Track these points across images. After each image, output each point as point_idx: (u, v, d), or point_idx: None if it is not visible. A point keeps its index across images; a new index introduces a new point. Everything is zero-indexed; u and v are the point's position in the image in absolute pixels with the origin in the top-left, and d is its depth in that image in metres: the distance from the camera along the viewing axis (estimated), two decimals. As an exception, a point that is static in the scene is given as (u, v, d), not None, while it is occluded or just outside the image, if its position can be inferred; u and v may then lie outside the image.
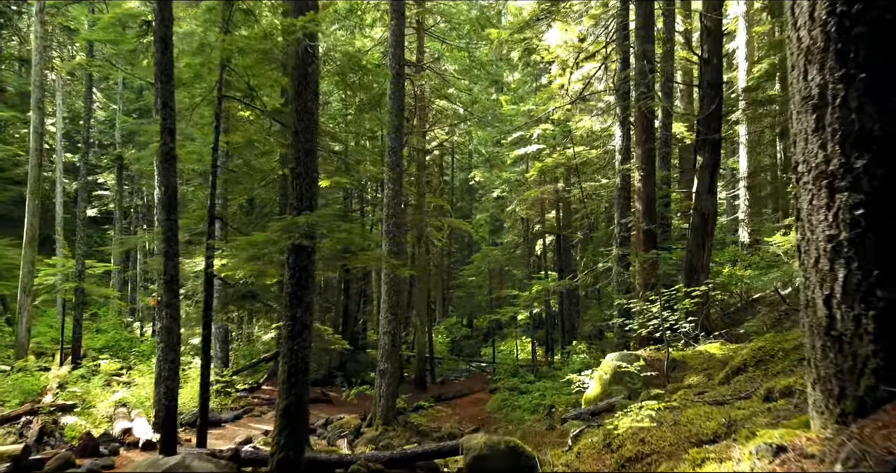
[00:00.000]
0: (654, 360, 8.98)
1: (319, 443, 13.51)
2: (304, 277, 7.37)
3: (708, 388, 6.19)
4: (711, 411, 3.87)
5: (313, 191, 7.53)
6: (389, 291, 14.94)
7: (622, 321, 11.44)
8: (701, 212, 12.84)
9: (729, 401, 4.44)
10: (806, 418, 2.89)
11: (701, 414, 3.82)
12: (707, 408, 4.01)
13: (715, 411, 3.86)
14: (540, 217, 27.59)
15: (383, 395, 14.77)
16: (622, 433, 4.06)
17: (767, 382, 4.22)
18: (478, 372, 28.64)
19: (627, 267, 13.56)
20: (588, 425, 5.16)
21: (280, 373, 7.29)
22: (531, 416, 16.32)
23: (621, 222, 13.54)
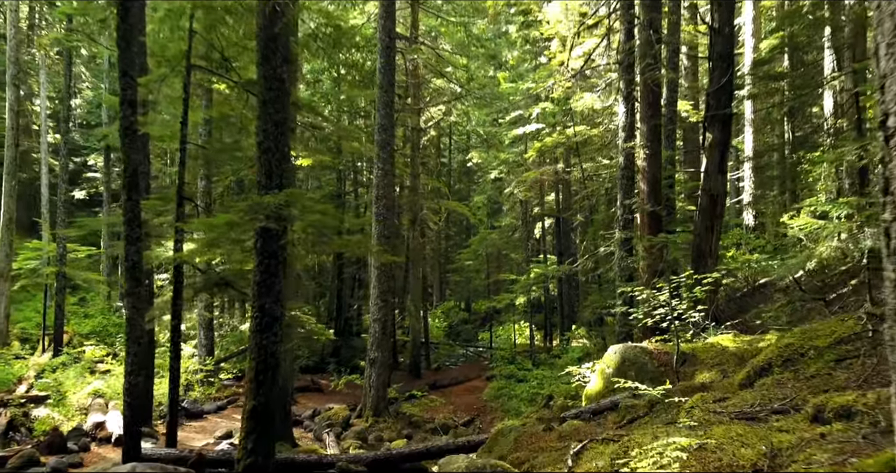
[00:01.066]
0: (661, 353, 8.26)
1: (305, 436, 12.87)
2: (273, 264, 6.61)
3: (727, 391, 5.45)
4: (744, 432, 3.15)
5: (284, 167, 6.74)
6: (380, 277, 14.20)
7: (625, 309, 10.71)
8: (710, 192, 12.05)
9: (761, 416, 3.70)
10: (889, 456, 2.13)
11: (732, 437, 3.09)
12: (738, 428, 3.28)
13: (749, 432, 3.13)
14: (539, 199, 26.77)
15: (373, 385, 14.11)
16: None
17: (813, 397, 3.49)
18: (475, 357, 28.03)
19: (631, 251, 12.79)
20: (591, 439, 4.43)
21: (247, 371, 6.56)
22: (528, 407, 15.67)
23: (624, 204, 12.74)
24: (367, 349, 14.48)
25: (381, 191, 14.26)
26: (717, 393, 5.10)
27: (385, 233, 14.22)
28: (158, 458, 8.16)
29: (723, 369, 7.16)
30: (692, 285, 8.32)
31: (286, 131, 6.83)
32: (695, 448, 3.04)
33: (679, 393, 6.48)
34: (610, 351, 8.63)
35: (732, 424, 3.47)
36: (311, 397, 17.21)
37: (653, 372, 7.94)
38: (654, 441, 3.51)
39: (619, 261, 12.74)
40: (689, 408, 4.71)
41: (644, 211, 12.30)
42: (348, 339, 26.84)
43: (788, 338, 5.44)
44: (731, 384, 5.96)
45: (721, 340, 8.33)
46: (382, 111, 14.34)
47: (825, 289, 10.77)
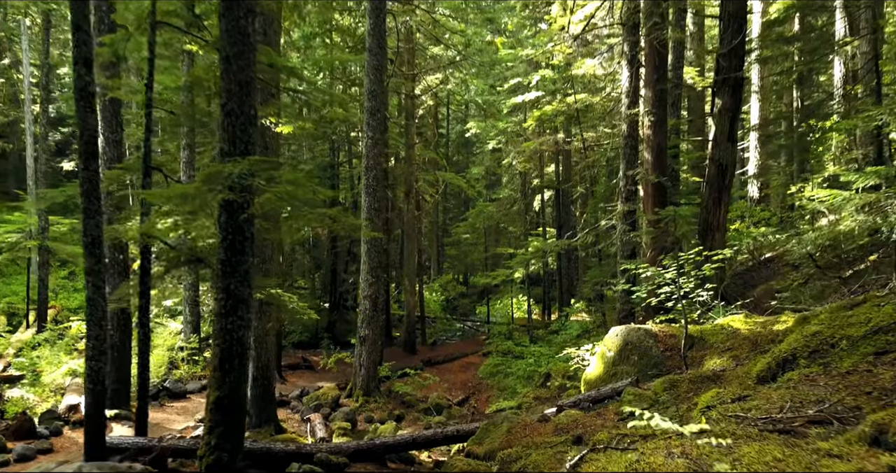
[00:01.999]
0: (667, 335, 7.64)
1: (292, 418, 12.35)
2: (239, 240, 5.94)
3: (744, 385, 4.83)
4: (783, 456, 2.52)
5: (250, 133, 6.02)
6: (370, 252, 13.55)
7: (628, 287, 10.08)
8: (718, 162, 11.32)
9: (796, 427, 3.07)
10: None
11: (769, 463, 2.46)
12: (774, 448, 2.64)
13: (790, 456, 2.50)
14: (538, 170, 26.01)
15: (364, 364, 13.56)
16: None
17: (872, 412, 2.85)
18: (472, 331, 27.57)
19: (633, 225, 12.13)
20: (592, 448, 3.81)
21: (211, 358, 5.93)
22: (525, 385, 15.17)
23: (627, 174, 12.03)
24: (357, 326, 13.89)
25: (370, 161, 13.53)
26: (734, 389, 4.47)
27: (375, 205, 13.54)
28: (126, 448, 7.62)
29: (735, 355, 6.55)
30: (701, 262, 7.67)
31: (252, 92, 6.10)
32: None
33: (688, 383, 5.87)
34: (611, 333, 8.01)
35: (764, 441, 2.84)
36: (301, 375, 16.70)
37: (657, 357, 7.33)
38: (667, 460, 2.89)
39: (621, 236, 12.09)
40: (705, 409, 4.08)
41: (648, 182, 11.59)
42: (343, 313, 26.34)
43: (815, 325, 4.80)
44: (748, 374, 5.33)
45: (731, 321, 7.71)
46: (372, 76, 13.53)
47: (841, 266, 10.13)
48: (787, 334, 6.28)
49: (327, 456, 7.19)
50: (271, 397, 10.72)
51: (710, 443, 2.81)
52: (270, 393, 10.68)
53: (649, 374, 7.24)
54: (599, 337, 15.83)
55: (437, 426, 8.59)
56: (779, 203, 22.79)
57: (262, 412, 10.52)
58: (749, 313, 8.06)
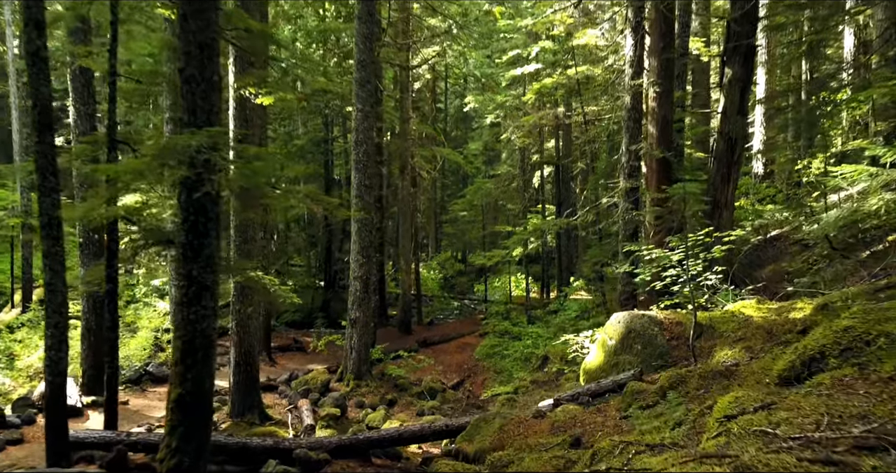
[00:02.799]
0: (673, 323, 7.09)
1: (279, 403, 11.89)
2: (202, 221, 5.34)
3: (764, 385, 4.28)
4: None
5: (212, 101, 5.38)
6: (361, 231, 12.96)
7: (630, 269, 9.51)
8: (727, 136, 10.68)
9: (841, 453, 2.51)
10: None
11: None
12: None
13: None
14: (538, 146, 25.26)
15: (354, 347, 13.07)
16: None
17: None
18: (470, 310, 27.11)
19: (636, 203, 11.52)
20: (593, 457, 3.27)
21: (172, 351, 5.38)
22: (522, 368, 14.72)
23: (630, 149, 11.38)
24: (348, 308, 13.36)
25: (360, 135, 12.87)
26: (755, 393, 3.91)
27: (366, 182, 12.91)
28: (92, 443, 7.11)
29: (748, 346, 6.00)
30: (711, 244, 7.09)
31: (214, 56, 5.44)
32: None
33: (698, 378, 5.33)
34: (613, 319, 7.46)
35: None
36: (292, 357, 16.23)
37: (662, 346, 6.79)
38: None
39: (623, 214, 11.49)
40: (723, 419, 3.53)
41: (652, 157, 10.96)
42: (339, 292, 25.83)
43: (846, 319, 4.23)
44: (767, 371, 4.78)
45: (743, 308, 7.15)
46: (361, 45, 12.79)
47: (857, 246, 9.55)
48: (807, 323, 5.73)
49: (306, 453, 6.69)
50: (255, 383, 10.23)
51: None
52: (254, 378, 10.19)
53: (653, 365, 6.71)
54: (599, 318, 15.35)
55: (426, 423, 8.09)
56: (784, 179, 22.15)
57: (245, 399, 10.04)
58: (762, 298, 7.50)
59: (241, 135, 9.77)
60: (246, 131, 9.80)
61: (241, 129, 9.80)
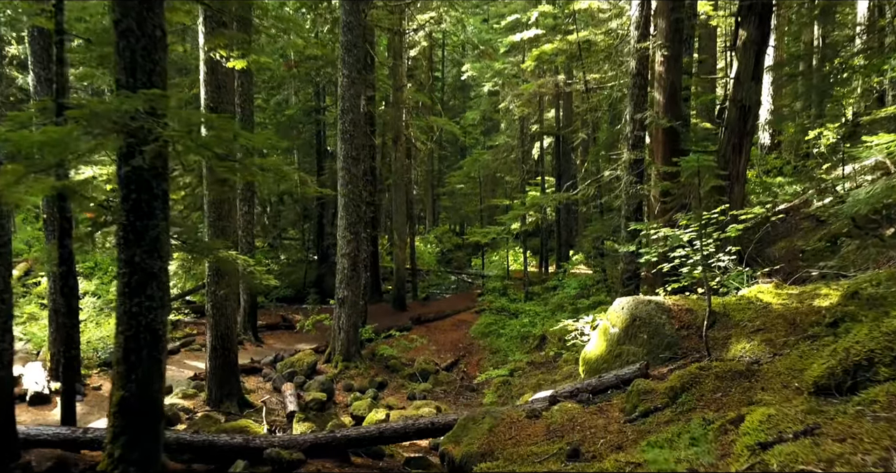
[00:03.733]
0: (682, 310, 6.42)
1: (263, 387, 11.32)
2: (145, 200, 4.63)
3: (791, 388, 3.64)
4: None
5: (156, 59, 4.62)
6: (348, 206, 12.25)
7: (634, 249, 8.81)
8: (740, 103, 9.90)
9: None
10: None
11: None
12: None
13: None
14: (538, 116, 24.37)
15: (343, 327, 12.46)
16: None
17: None
18: (467, 285, 26.53)
19: (640, 176, 10.78)
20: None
21: (115, 348, 4.71)
22: (519, 347, 14.14)
23: (635, 118, 10.60)
24: (335, 286, 12.72)
25: (347, 102, 12.06)
26: (789, 408, 3.25)
27: (353, 153, 12.15)
28: (45, 440, 6.50)
29: (768, 339, 5.34)
30: (726, 222, 6.38)
31: (157, 6, 4.66)
32: None
33: (714, 379, 4.67)
34: (616, 305, 6.80)
35: None
36: (279, 336, 15.64)
37: (671, 336, 6.13)
38: None
39: (627, 188, 10.76)
40: (755, 447, 2.87)
41: (659, 126, 10.18)
42: (332, 267, 25.08)
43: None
44: (796, 374, 4.13)
45: (759, 293, 6.48)
46: (348, 6, 11.90)
47: (880, 223, 8.85)
48: (836, 314, 5.06)
49: (278, 452, 6.08)
50: (233, 368, 9.62)
51: None
52: (232, 363, 9.58)
53: (661, 357, 6.06)
54: (599, 295, 14.74)
55: (410, 420, 7.47)
56: (792, 150, 21.34)
57: (222, 385, 9.45)
58: (779, 282, 6.82)
59: (213, 102, 8.99)
60: (218, 99, 9.01)
61: (214, 96, 9.01)
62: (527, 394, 9.81)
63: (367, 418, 8.60)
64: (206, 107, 9.02)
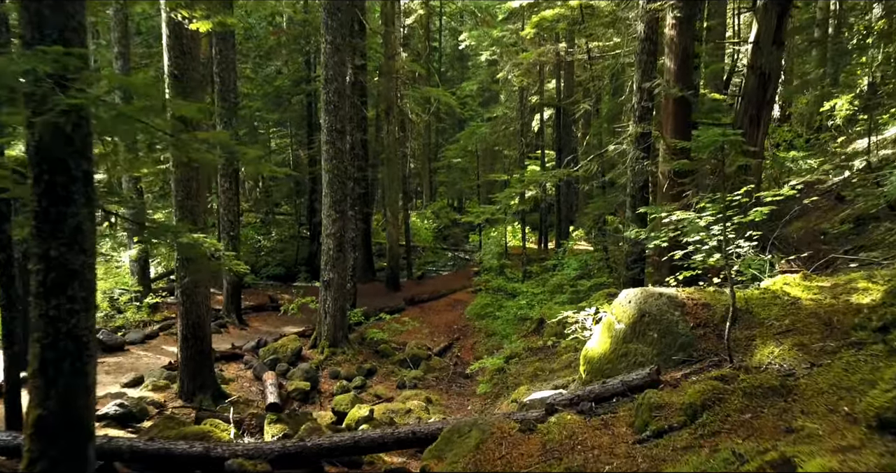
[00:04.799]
0: (698, 305, 5.67)
1: (243, 376, 10.66)
2: (61, 183, 3.84)
3: (837, 407, 2.90)
4: None
5: (68, 12, 3.79)
6: (332, 182, 11.44)
7: (644, 235, 8.02)
8: (760, 70, 9.04)
9: None
10: None
11: None
12: None
13: None
14: (538, 86, 23.36)
15: (329, 311, 11.77)
16: None
17: None
18: (464, 262, 25.82)
19: (648, 151, 9.95)
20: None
21: (31, 358, 3.97)
22: (515, 331, 13.45)
23: (643, 87, 9.72)
24: (320, 268, 11.99)
25: (330, 71, 11.17)
26: (854, 459, 2.51)
27: (337, 125, 11.30)
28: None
29: (801, 343, 4.60)
30: (749, 204, 5.61)
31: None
32: None
33: (742, 396, 3.94)
34: (622, 297, 6.05)
35: None
36: (265, 319, 14.95)
37: (685, 335, 5.39)
38: None
39: (633, 163, 9.94)
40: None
41: (670, 96, 9.32)
42: (325, 244, 24.45)
43: None
44: (845, 396, 3.40)
45: (785, 285, 5.73)
46: (331, -36, 10.94)
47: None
48: (884, 316, 4.31)
49: (241, 464, 5.40)
50: (206, 359, 8.93)
51: None
52: (205, 354, 8.88)
53: (674, 359, 5.34)
54: (601, 278, 14.02)
55: (389, 429, 6.79)
56: (804, 123, 20.45)
57: (195, 376, 8.78)
58: (807, 273, 6.05)
59: (177, 70, 8.13)
60: (184, 65, 8.15)
61: (178, 63, 8.15)
62: (522, 387, 9.15)
63: (349, 414, 7.93)
64: (171, 76, 8.18)
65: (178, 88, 8.18)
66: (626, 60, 15.01)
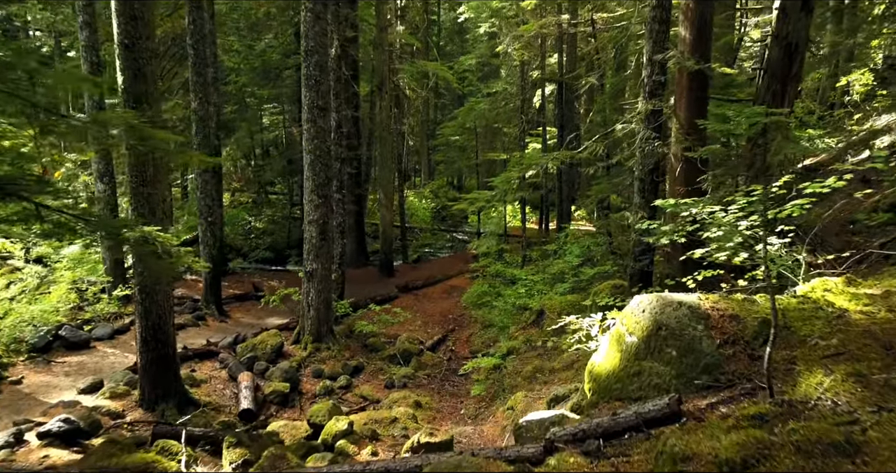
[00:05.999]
0: (725, 317, 4.78)
1: (217, 376, 9.84)
2: None
3: None
4: None
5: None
6: (314, 164, 10.51)
7: (653, 225, 7.11)
8: (786, 40, 8.04)
9: None
10: None
11: None
12: None
13: None
14: (539, 61, 22.22)
15: (313, 304, 10.93)
16: None
17: None
18: (462, 244, 24.94)
19: (659, 130, 8.98)
20: None
21: None
22: (514, 322, 12.60)
23: (654, 59, 8.72)
24: (304, 259, 11.13)
25: (311, 42, 10.17)
26: None
27: (318, 102, 10.32)
28: None
29: (856, 372, 3.72)
30: (783, 197, 4.70)
31: None
32: None
33: (794, 454, 3.07)
34: (634, 305, 5.16)
35: None
36: (248, 309, 14.10)
37: (711, 355, 4.52)
38: None
39: (642, 144, 8.98)
40: None
41: (684, 70, 8.33)
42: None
43: None
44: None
45: (825, 292, 4.84)
46: (309, -78, 9.87)
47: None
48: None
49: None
50: (170, 363, 8.09)
51: None
52: (168, 357, 8.04)
53: (697, 383, 4.47)
54: (605, 266, 13.11)
55: (361, 463, 6.02)
56: (817, 99, 19.36)
57: (157, 383, 7.95)
58: (852, 276, 5.16)
59: (127, 38, 7.16)
60: (135, 33, 7.17)
61: (128, 30, 7.17)
62: (519, 393, 8.32)
63: (326, 427, 7.11)
64: (120, 45, 7.20)
65: (129, 59, 7.22)
66: (634, 30, 13.94)
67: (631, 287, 9.05)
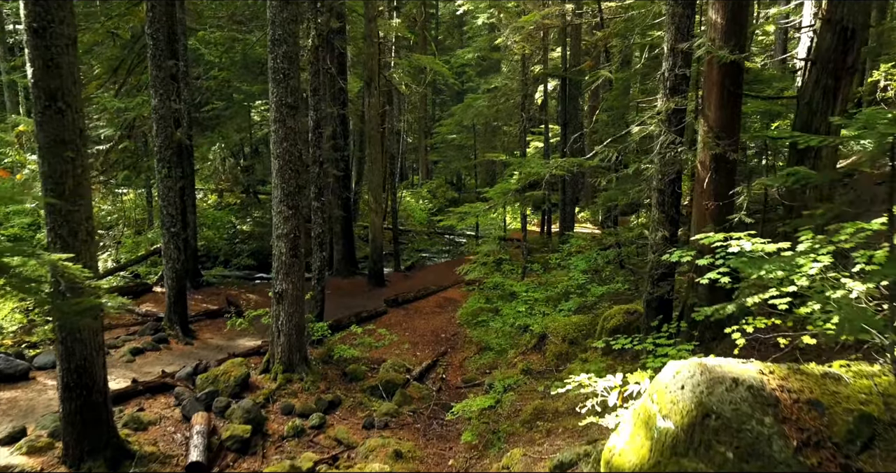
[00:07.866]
0: (800, 402, 3.43)
1: (169, 417, 8.51)
2: None
3: None
4: None
5: None
6: (283, 170, 9.17)
7: (683, 255, 5.76)
8: (840, 25, 6.70)
9: None
10: None
11: None
12: None
13: None
14: (541, 55, 20.82)
15: (283, 329, 9.61)
16: None
17: None
18: (460, 250, 23.64)
19: (681, 133, 7.63)
20: None
21: None
22: (513, 347, 11.27)
23: (677, 49, 7.36)
24: (272, 279, 9.80)
25: (278, 30, 8.82)
26: None
27: (287, 99, 8.97)
28: None
29: None
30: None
31: None
32: None
33: None
34: (668, 375, 3.82)
35: None
36: (219, 328, 12.70)
37: (786, 464, 3.17)
38: None
39: (663, 149, 7.62)
40: None
41: (715, 61, 6.96)
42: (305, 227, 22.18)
43: None
44: None
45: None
46: None
47: None
48: None
49: None
50: (100, 409, 6.77)
51: None
52: (97, 404, 6.72)
53: (765, 506, 3.12)
54: (615, 283, 11.79)
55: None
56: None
57: (83, 437, 6.63)
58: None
59: (36, 22, 5.84)
60: (47, 16, 5.84)
61: (39, 12, 5.85)
62: (517, 450, 6.98)
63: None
64: (28, 29, 5.89)
65: (40, 48, 5.90)
66: (643, 18, 12.57)
67: (648, 318, 7.72)
